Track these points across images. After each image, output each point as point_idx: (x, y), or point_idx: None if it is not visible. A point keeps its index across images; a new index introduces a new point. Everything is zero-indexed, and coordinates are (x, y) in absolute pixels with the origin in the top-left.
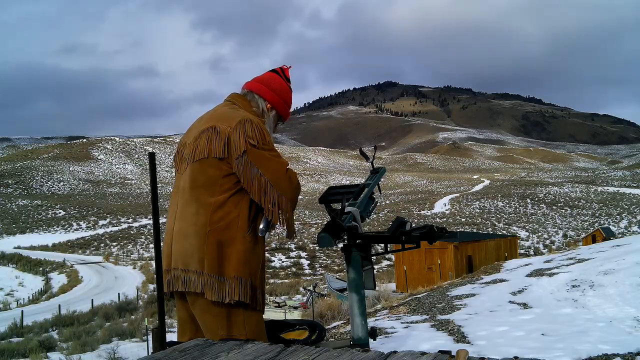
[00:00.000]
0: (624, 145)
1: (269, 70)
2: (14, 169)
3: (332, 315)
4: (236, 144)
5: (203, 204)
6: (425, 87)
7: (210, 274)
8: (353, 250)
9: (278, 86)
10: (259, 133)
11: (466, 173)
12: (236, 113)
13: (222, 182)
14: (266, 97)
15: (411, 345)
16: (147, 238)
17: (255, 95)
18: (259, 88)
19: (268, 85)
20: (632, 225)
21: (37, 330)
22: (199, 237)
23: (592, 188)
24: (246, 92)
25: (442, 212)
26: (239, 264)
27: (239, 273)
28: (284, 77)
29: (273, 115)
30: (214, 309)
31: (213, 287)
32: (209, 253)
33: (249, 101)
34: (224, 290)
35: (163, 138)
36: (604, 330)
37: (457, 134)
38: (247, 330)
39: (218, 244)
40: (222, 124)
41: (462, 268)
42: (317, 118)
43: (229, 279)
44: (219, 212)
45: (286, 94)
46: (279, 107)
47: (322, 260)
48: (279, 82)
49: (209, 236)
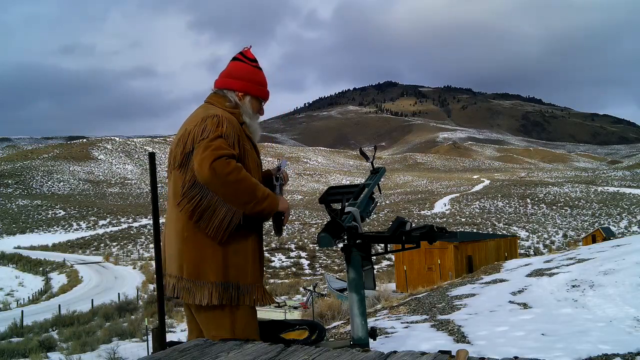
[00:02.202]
0: (624, 145)
1: (231, 60)
2: (14, 169)
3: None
4: (188, 142)
5: (184, 212)
6: (425, 87)
7: (188, 279)
8: (353, 250)
9: (242, 72)
10: (203, 129)
11: (466, 173)
12: (201, 113)
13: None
14: (234, 87)
15: (411, 345)
16: (147, 238)
17: (224, 90)
18: (225, 82)
19: (232, 75)
20: (632, 225)
21: (37, 330)
22: (178, 243)
23: (592, 188)
24: (216, 90)
25: (442, 212)
26: (218, 268)
27: (219, 278)
28: (247, 60)
29: (248, 100)
30: (205, 309)
31: (190, 291)
32: (187, 259)
33: (223, 97)
34: (202, 294)
35: (163, 138)
36: (604, 330)
37: (457, 134)
38: (235, 330)
39: (196, 249)
40: (189, 126)
41: (462, 268)
42: (317, 118)
43: (207, 283)
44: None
45: (253, 75)
46: (250, 90)
47: (322, 260)
48: (241, 67)
49: (187, 242)
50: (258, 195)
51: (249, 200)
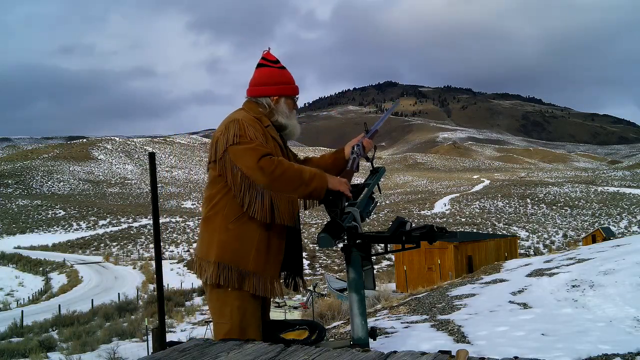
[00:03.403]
0: (624, 145)
1: (256, 67)
2: (14, 169)
3: (332, 315)
4: (218, 147)
5: (205, 200)
6: (425, 87)
7: (200, 257)
8: (353, 250)
9: (270, 77)
10: (239, 130)
11: (466, 173)
12: (231, 116)
13: (217, 180)
14: (266, 94)
15: (411, 345)
16: (147, 238)
17: (258, 98)
18: (256, 90)
19: (261, 83)
20: (632, 225)
21: (37, 330)
22: (201, 226)
23: (592, 188)
24: (249, 98)
25: (442, 212)
26: (219, 250)
27: (218, 258)
28: (269, 63)
29: (282, 102)
30: (211, 297)
31: (201, 268)
32: (202, 239)
33: (255, 104)
34: (207, 272)
35: (163, 138)
36: (604, 330)
37: (457, 134)
38: (232, 319)
39: (208, 231)
40: (217, 129)
41: (462, 268)
42: (317, 118)
43: (211, 263)
44: (210, 204)
45: (280, 77)
46: (282, 92)
47: (322, 260)
48: (267, 73)
49: (203, 224)
50: (305, 178)
51: (298, 186)
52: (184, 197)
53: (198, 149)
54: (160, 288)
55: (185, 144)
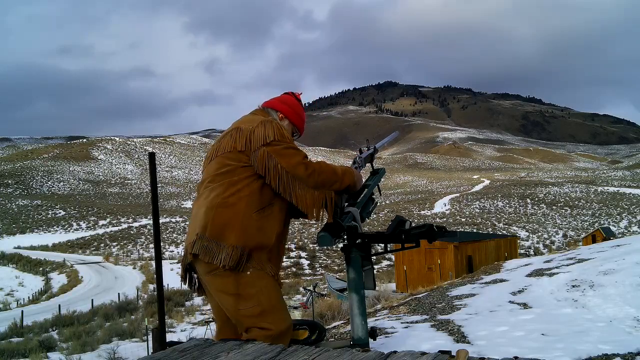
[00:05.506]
0: (624, 145)
1: (283, 93)
2: (14, 169)
3: (332, 315)
4: (256, 139)
5: (220, 185)
6: (425, 87)
7: (209, 238)
8: (353, 250)
9: (289, 101)
10: (278, 131)
11: (466, 173)
12: (258, 117)
13: (240, 170)
14: (278, 109)
15: (411, 345)
16: (147, 238)
17: (270, 109)
18: (272, 103)
19: (280, 100)
20: (632, 225)
21: (37, 330)
22: (208, 208)
23: (592, 188)
24: (262, 108)
25: (442, 212)
26: (241, 235)
27: (239, 243)
28: (296, 98)
29: (286, 124)
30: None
31: (209, 250)
32: (214, 219)
33: (266, 113)
34: (220, 255)
35: (163, 138)
36: (604, 330)
37: (457, 134)
38: (261, 300)
39: (224, 214)
40: (246, 125)
41: (462, 268)
42: (317, 118)
43: (227, 246)
44: (232, 189)
45: (297, 107)
46: (290, 116)
47: (322, 260)
48: (289, 99)
49: (218, 207)
50: (339, 173)
51: (334, 182)
52: (184, 197)
53: (198, 149)
54: (160, 288)
55: (185, 144)
